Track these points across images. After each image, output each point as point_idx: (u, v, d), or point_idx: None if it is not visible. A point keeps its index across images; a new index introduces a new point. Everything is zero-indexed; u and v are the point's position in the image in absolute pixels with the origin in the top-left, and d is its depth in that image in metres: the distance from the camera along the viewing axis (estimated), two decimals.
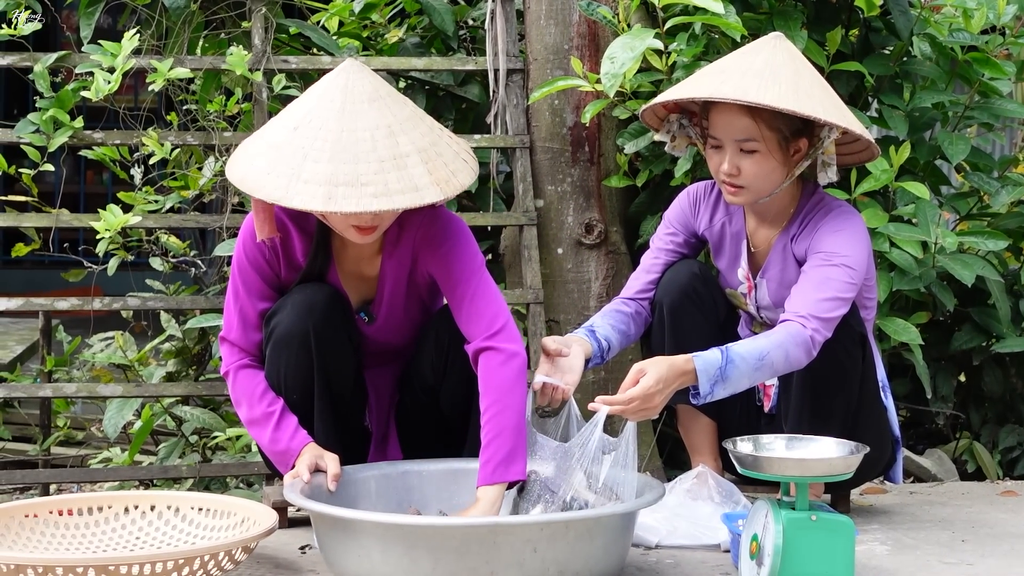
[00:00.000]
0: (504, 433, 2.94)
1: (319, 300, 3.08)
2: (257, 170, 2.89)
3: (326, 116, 2.89)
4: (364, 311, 3.21)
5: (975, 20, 4.07)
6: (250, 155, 2.94)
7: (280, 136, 2.91)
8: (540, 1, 4.22)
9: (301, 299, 3.08)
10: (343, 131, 2.86)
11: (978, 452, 4.31)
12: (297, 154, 2.85)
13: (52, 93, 3.97)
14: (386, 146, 2.87)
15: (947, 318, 4.42)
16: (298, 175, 2.83)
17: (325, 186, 2.81)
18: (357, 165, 2.83)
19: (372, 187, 2.82)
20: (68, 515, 3.04)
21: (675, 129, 3.34)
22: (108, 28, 6.03)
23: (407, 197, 2.83)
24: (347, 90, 2.91)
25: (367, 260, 3.17)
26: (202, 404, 4.21)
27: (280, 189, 2.84)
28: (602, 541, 2.74)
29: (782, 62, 3.14)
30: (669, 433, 4.05)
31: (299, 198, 2.82)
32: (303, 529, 3.29)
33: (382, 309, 3.20)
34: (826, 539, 2.71)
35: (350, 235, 2.99)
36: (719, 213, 3.41)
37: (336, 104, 2.90)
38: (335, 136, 2.86)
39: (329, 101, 2.91)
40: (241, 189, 2.94)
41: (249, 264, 3.12)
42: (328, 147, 2.85)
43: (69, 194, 3.78)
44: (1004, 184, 4.22)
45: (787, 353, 3.05)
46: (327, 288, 3.13)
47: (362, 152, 2.85)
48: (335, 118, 2.88)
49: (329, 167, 2.83)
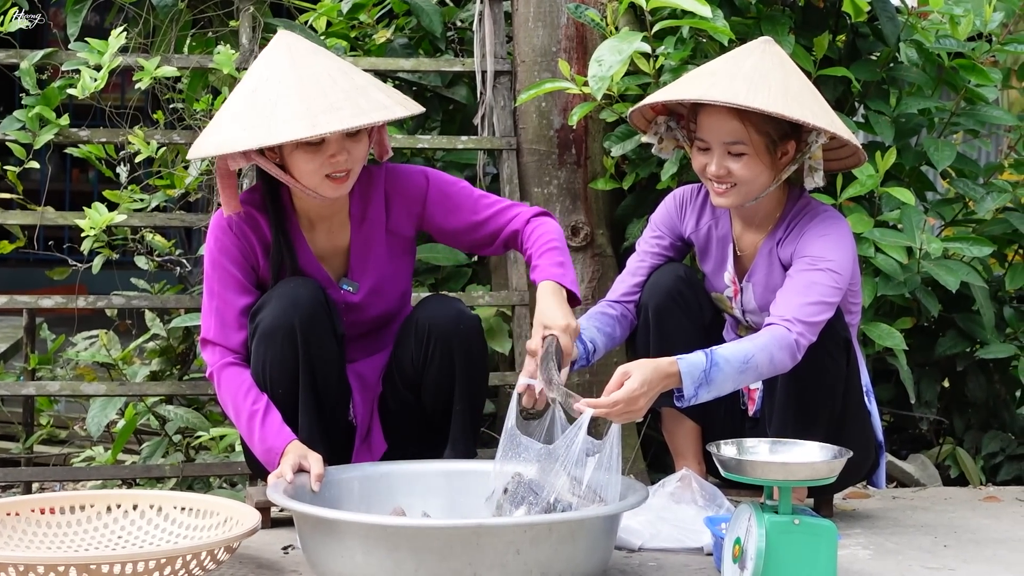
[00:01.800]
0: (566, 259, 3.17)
1: (304, 295, 3.10)
2: (231, 133, 3.01)
3: (281, 71, 3.04)
4: (346, 283, 3.24)
5: (962, 27, 4.09)
6: (217, 129, 3.06)
7: (241, 103, 3.05)
8: (528, 3, 4.22)
9: (285, 293, 3.10)
10: (301, 77, 3.02)
11: (961, 458, 4.32)
12: (267, 106, 2.99)
13: (38, 90, 3.97)
14: (344, 80, 3.05)
15: (931, 324, 4.43)
16: (275, 118, 2.97)
17: (304, 118, 2.95)
18: (327, 97, 2.99)
19: (347, 110, 2.98)
20: (50, 514, 3.03)
21: (662, 131, 3.35)
22: (95, 26, 6.01)
23: (380, 113, 3.02)
24: (290, 48, 3.09)
25: (337, 231, 3.23)
26: (186, 403, 4.20)
27: (262, 134, 2.97)
28: (585, 543, 2.74)
29: (771, 66, 3.15)
30: (653, 436, 4.05)
31: (283, 133, 2.95)
32: (286, 529, 3.29)
33: (366, 274, 3.23)
34: (808, 543, 2.71)
35: (325, 189, 3.08)
36: (705, 216, 3.42)
37: (285, 61, 3.06)
38: (296, 81, 3.01)
39: (277, 60, 3.07)
40: (217, 154, 3.04)
41: (224, 257, 3.15)
42: (294, 91, 3.00)
43: (54, 192, 3.77)
44: (989, 190, 4.23)
45: (772, 356, 3.05)
46: (311, 282, 3.15)
47: (326, 87, 3.01)
48: (289, 69, 3.03)
49: (302, 104, 2.97)
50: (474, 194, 3.29)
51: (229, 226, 3.17)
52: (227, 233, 3.16)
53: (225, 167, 3.11)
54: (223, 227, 3.17)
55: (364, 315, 3.28)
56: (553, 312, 3.03)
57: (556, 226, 3.23)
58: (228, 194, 3.13)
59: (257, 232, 3.18)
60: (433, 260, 4.14)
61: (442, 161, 4.39)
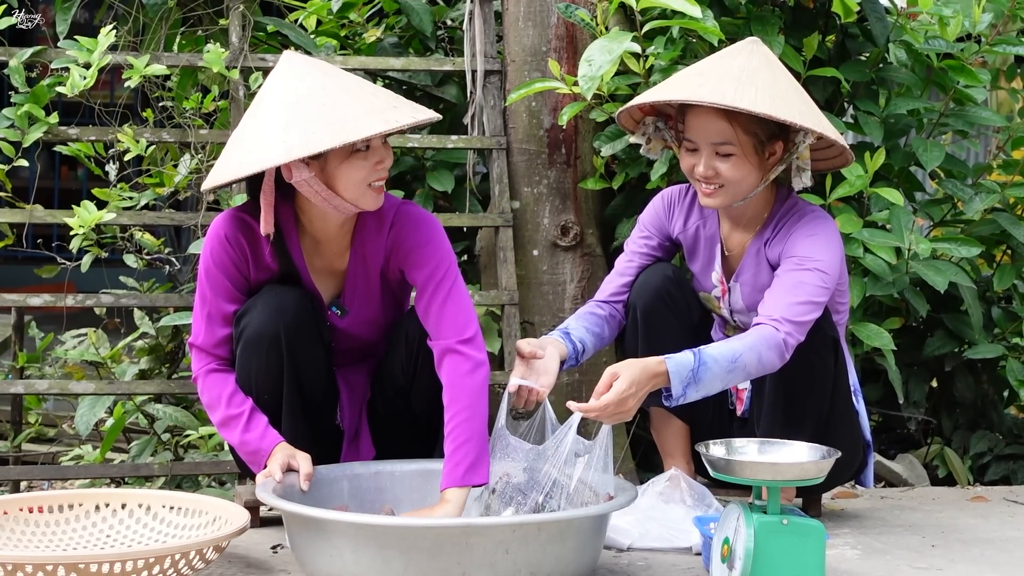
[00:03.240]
0: (473, 439, 2.97)
1: (289, 301, 3.08)
2: (297, 137, 2.87)
3: (316, 81, 2.95)
4: (336, 305, 3.21)
5: (951, 28, 4.09)
6: (271, 141, 2.89)
7: (284, 114, 2.91)
8: (518, 3, 4.23)
9: (271, 300, 3.08)
10: (339, 85, 2.95)
11: (949, 458, 4.33)
12: (324, 109, 2.90)
13: (27, 88, 3.96)
14: (380, 90, 3.03)
15: (920, 324, 4.44)
16: (343, 118, 2.87)
17: (373, 115, 2.89)
18: (378, 97, 2.96)
19: (406, 107, 2.95)
20: (39, 512, 3.02)
21: (650, 132, 3.35)
22: (84, 23, 6.01)
23: (425, 113, 2.97)
24: (314, 63, 3.04)
25: (338, 255, 3.18)
26: (175, 402, 4.20)
27: (338, 132, 2.86)
28: (574, 543, 2.74)
29: (759, 66, 3.16)
30: (642, 436, 4.06)
31: (364, 128, 2.86)
32: (275, 528, 3.29)
33: (354, 302, 3.21)
34: (797, 543, 2.72)
35: (367, 200, 3.00)
36: (693, 216, 3.42)
37: (315, 73, 2.98)
38: (339, 88, 2.95)
39: (307, 74, 2.98)
40: (290, 159, 2.86)
41: (217, 267, 3.11)
42: (341, 95, 2.93)
43: (43, 189, 3.75)
44: (978, 191, 4.24)
45: (760, 356, 3.06)
46: (297, 289, 3.13)
47: (371, 90, 2.98)
48: (326, 78, 2.97)
49: (358, 106, 2.91)
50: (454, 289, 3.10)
51: (225, 236, 3.09)
52: (222, 243, 3.10)
53: (272, 185, 2.99)
54: (220, 237, 3.10)
55: (348, 338, 3.26)
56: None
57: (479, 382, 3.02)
58: (270, 211, 3.01)
59: (254, 247, 3.12)
60: None
61: (432, 160, 4.39)
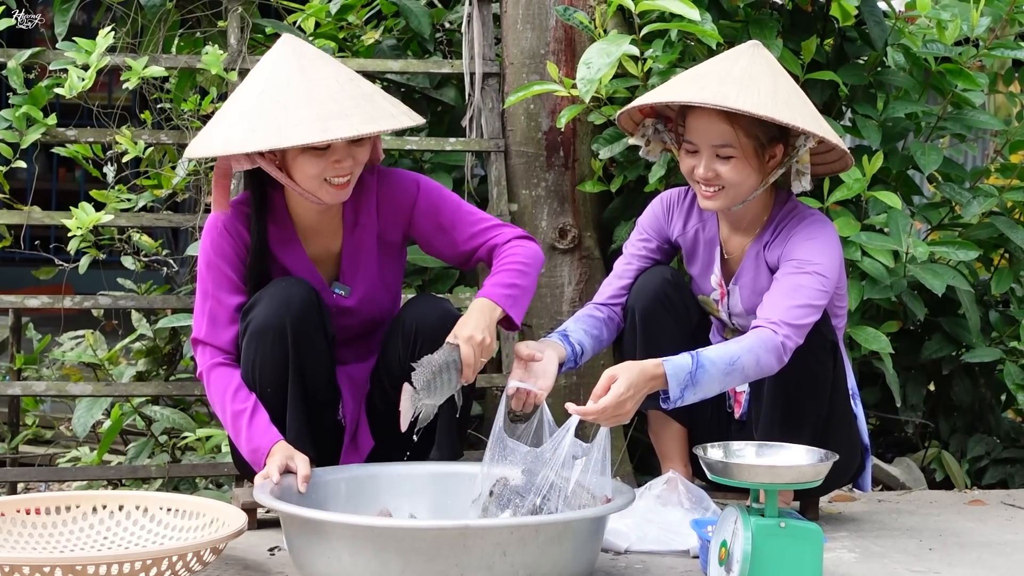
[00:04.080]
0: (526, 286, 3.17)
1: (296, 294, 3.11)
2: (240, 132, 3.00)
3: (288, 73, 3.04)
4: (338, 286, 3.25)
5: (949, 32, 4.10)
6: (223, 127, 3.05)
7: (248, 103, 3.04)
8: (517, 5, 4.23)
9: (278, 293, 3.10)
10: (310, 81, 3.03)
11: (947, 461, 4.33)
12: (276, 107, 2.99)
13: (25, 90, 3.96)
14: (352, 87, 3.06)
15: (917, 327, 4.45)
16: (286, 120, 2.96)
17: (316, 122, 2.96)
18: (337, 102, 3.00)
19: (358, 116, 2.99)
20: (36, 514, 3.02)
21: (650, 134, 3.35)
22: (83, 25, 6.01)
23: (389, 121, 3.04)
24: (297, 52, 3.09)
25: (331, 236, 3.24)
26: (172, 404, 4.20)
27: (272, 136, 2.97)
28: (572, 545, 2.74)
29: (760, 70, 3.16)
30: (640, 438, 4.06)
31: (295, 136, 2.95)
32: (272, 530, 3.28)
33: (355, 278, 3.25)
34: (794, 546, 2.72)
35: (325, 194, 3.09)
36: (693, 219, 3.42)
37: (293, 64, 3.06)
38: (305, 85, 3.01)
39: (284, 63, 3.07)
40: (226, 153, 3.02)
41: (218, 257, 3.15)
42: (303, 94, 3.00)
43: (41, 191, 3.75)
44: (976, 195, 4.24)
45: (758, 358, 3.05)
46: (303, 283, 3.16)
47: (335, 92, 3.02)
48: (297, 73, 3.04)
49: (311, 108, 2.98)
50: (462, 209, 3.29)
51: (224, 227, 3.17)
52: (222, 234, 3.17)
53: (226, 167, 3.12)
54: (219, 228, 3.17)
55: (355, 319, 3.28)
56: (464, 324, 3.06)
57: (533, 250, 3.23)
58: (220, 193, 3.14)
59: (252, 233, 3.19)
60: (420, 262, 4.13)
61: (430, 163, 4.39)
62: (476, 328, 3.05)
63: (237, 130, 3.00)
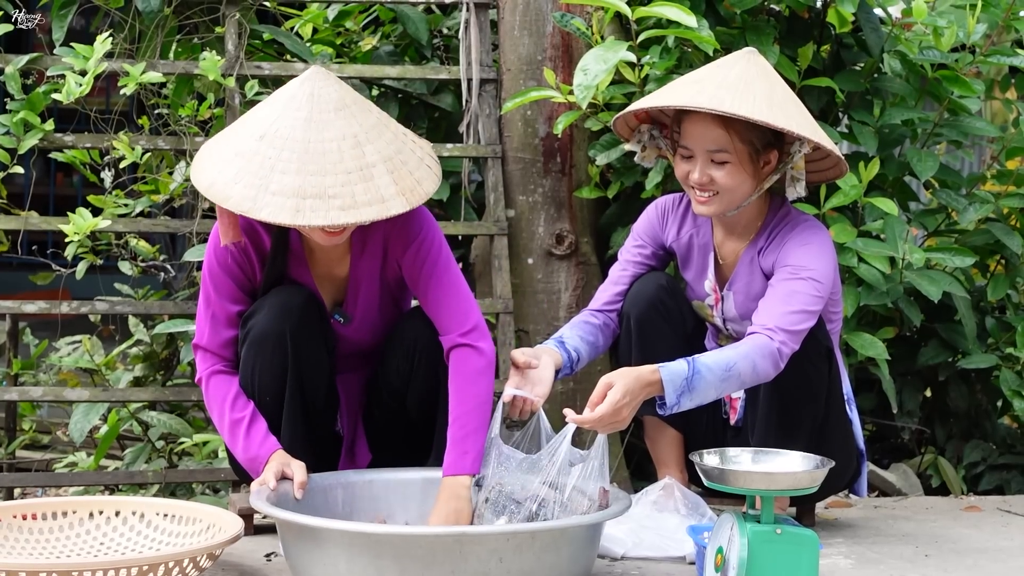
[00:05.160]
0: (480, 431, 3.02)
1: (296, 303, 3.10)
2: (225, 178, 2.90)
3: (292, 126, 2.90)
4: (339, 313, 3.23)
5: (945, 38, 4.10)
6: (216, 162, 2.95)
7: (246, 145, 2.92)
8: (514, 12, 4.23)
9: (278, 301, 3.10)
10: (310, 142, 2.88)
11: (943, 467, 4.33)
12: (264, 165, 2.87)
13: (23, 95, 3.96)
14: (352, 157, 2.90)
15: (914, 333, 4.45)
16: (266, 186, 2.85)
17: (293, 198, 2.84)
18: (324, 177, 2.86)
19: (339, 199, 2.85)
20: (32, 520, 3.02)
21: (645, 139, 3.36)
22: (81, 30, 6.00)
23: (373, 209, 2.87)
24: (313, 99, 2.93)
25: (337, 261, 3.19)
26: (169, 409, 4.20)
27: (248, 200, 2.86)
28: (568, 552, 2.74)
29: (756, 76, 3.17)
30: (636, 445, 4.05)
31: (267, 210, 2.85)
32: (269, 536, 3.28)
33: (357, 308, 3.22)
34: (790, 552, 2.72)
35: (317, 238, 3.03)
36: (687, 225, 3.43)
37: (303, 114, 2.91)
38: (302, 147, 2.88)
39: (295, 110, 2.92)
40: (208, 197, 2.96)
41: (221, 268, 3.14)
42: (295, 158, 2.87)
43: (38, 196, 3.74)
44: (972, 201, 4.24)
45: (754, 364, 3.06)
46: (304, 291, 3.15)
47: (329, 164, 2.87)
48: (301, 128, 2.90)
49: (297, 179, 2.85)
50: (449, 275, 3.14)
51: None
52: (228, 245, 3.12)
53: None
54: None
55: (351, 345, 3.27)
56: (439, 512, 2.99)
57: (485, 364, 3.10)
58: (226, 224, 3.07)
59: (257, 248, 3.14)
60: None
61: None
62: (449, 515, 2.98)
63: (226, 173, 2.89)
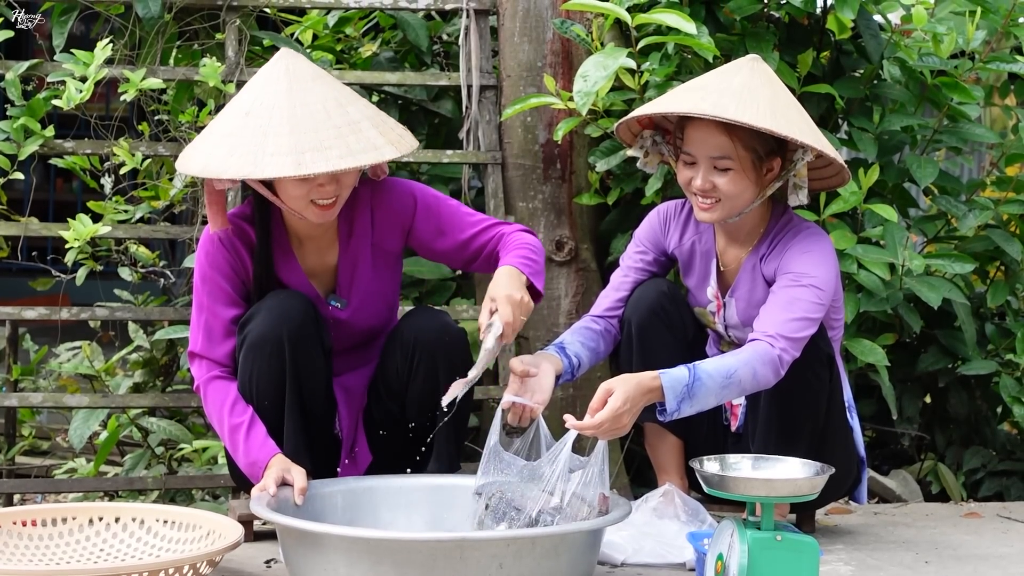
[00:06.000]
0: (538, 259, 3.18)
1: (294, 307, 3.12)
2: (219, 155, 3.00)
3: (276, 97, 3.04)
4: (334, 299, 3.26)
5: (944, 45, 4.11)
6: (207, 146, 3.05)
7: (233, 124, 3.04)
8: (514, 18, 4.23)
9: (275, 305, 3.11)
10: (296, 106, 3.02)
11: (943, 473, 4.33)
12: (257, 133, 2.99)
13: (23, 101, 3.96)
14: (339, 115, 3.04)
15: (913, 340, 4.45)
16: (263, 150, 2.96)
17: (292, 154, 2.95)
18: (318, 133, 2.99)
19: (336, 150, 2.98)
20: (32, 526, 3.02)
21: (648, 145, 3.36)
22: (81, 36, 6.01)
23: (369, 155, 3.01)
24: (290, 72, 3.08)
25: (326, 249, 3.25)
26: (169, 415, 4.19)
27: (248, 164, 2.97)
28: (568, 558, 2.74)
29: (760, 83, 3.17)
30: (636, 451, 4.06)
31: (269, 168, 2.95)
32: (269, 543, 3.28)
33: (352, 291, 3.25)
34: (791, 559, 2.72)
35: (311, 214, 3.10)
36: (689, 231, 3.43)
37: (283, 85, 3.05)
38: (289, 112, 3.01)
39: (275, 83, 3.06)
40: (203, 176, 3.05)
41: (214, 271, 3.16)
42: (285, 122, 3.00)
43: (38, 201, 3.74)
44: (971, 208, 4.25)
45: (755, 371, 3.06)
46: (301, 296, 3.17)
47: (319, 122, 3.01)
48: (285, 96, 3.04)
49: (291, 138, 2.98)
50: (461, 211, 3.30)
51: (220, 240, 3.18)
52: (218, 247, 3.18)
53: (213, 185, 3.13)
54: (214, 241, 3.18)
55: (351, 330, 3.29)
56: (498, 286, 3.05)
57: (537, 241, 3.24)
58: (214, 211, 3.15)
59: (248, 246, 3.20)
60: (417, 274, 4.14)
61: (427, 175, 4.39)
62: (511, 287, 3.04)
63: (218, 152, 3.01)
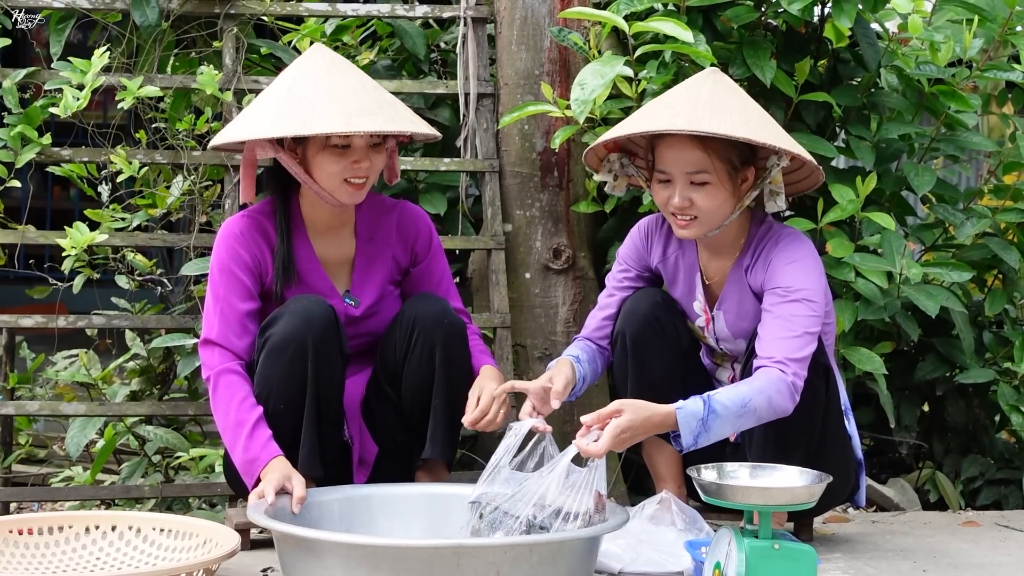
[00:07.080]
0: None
1: (317, 312, 3.14)
2: (267, 120, 3.14)
3: (317, 75, 3.21)
4: (348, 296, 3.32)
5: (942, 53, 4.11)
6: (251, 118, 3.19)
7: (276, 97, 3.19)
8: (512, 26, 4.24)
9: (299, 309, 3.14)
10: (336, 83, 3.18)
11: (941, 482, 4.33)
12: (303, 100, 3.15)
13: (20, 109, 3.96)
14: (377, 94, 3.24)
15: (911, 348, 4.45)
16: (311, 111, 3.14)
17: (340, 115, 3.10)
18: (360, 102, 3.16)
19: (380, 116, 3.15)
20: (28, 534, 3.02)
21: (616, 168, 3.35)
22: (78, 44, 6.01)
23: (410, 125, 3.22)
24: (327, 58, 3.27)
25: (343, 242, 3.34)
26: (166, 424, 4.19)
27: (298, 124, 3.11)
28: (565, 565, 2.74)
29: (727, 94, 3.17)
30: (634, 459, 4.05)
31: (320, 124, 3.09)
32: (266, 551, 3.28)
33: (364, 291, 3.32)
34: (788, 567, 2.72)
35: (342, 193, 3.20)
36: (672, 246, 3.42)
37: (322, 68, 3.23)
38: (331, 86, 3.18)
39: (313, 66, 3.24)
40: (252, 137, 3.16)
41: (234, 263, 3.22)
42: (330, 93, 3.16)
43: (35, 209, 3.73)
44: (969, 216, 4.25)
45: (770, 400, 3.03)
46: (323, 301, 3.20)
47: (361, 94, 3.19)
48: (325, 75, 3.21)
49: (337, 105, 3.14)
50: (448, 270, 3.53)
51: (241, 232, 3.24)
52: (239, 240, 3.24)
53: (251, 157, 3.25)
54: (235, 234, 3.24)
55: (361, 329, 3.32)
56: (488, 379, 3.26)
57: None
58: (248, 183, 3.27)
59: (267, 240, 3.26)
60: None
61: (425, 183, 4.39)
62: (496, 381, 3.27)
63: (265, 118, 3.14)
